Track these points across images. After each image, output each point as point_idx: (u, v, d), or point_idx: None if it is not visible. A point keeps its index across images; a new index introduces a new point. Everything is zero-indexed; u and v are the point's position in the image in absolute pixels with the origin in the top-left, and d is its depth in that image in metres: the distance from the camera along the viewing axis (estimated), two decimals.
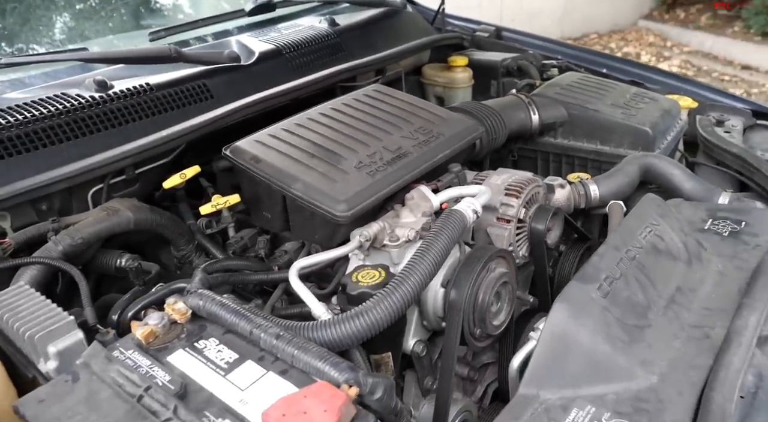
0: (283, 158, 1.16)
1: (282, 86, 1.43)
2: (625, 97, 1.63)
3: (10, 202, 1.07)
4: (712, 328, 0.96)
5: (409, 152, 1.22)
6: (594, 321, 0.90)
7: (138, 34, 1.58)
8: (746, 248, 1.15)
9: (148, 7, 1.70)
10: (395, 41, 1.81)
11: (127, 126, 1.23)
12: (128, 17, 1.64)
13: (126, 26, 1.63)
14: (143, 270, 1.12)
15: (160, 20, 1.74)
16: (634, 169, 1.38)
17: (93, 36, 1.54)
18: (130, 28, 1.62)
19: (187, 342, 0.87)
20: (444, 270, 1.04)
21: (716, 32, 7.14)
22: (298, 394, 0.73)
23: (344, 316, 0.88)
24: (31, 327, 0.88)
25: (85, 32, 1.52)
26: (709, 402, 0.79)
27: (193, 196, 1.38)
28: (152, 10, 1.71)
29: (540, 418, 0.84)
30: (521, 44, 2.13)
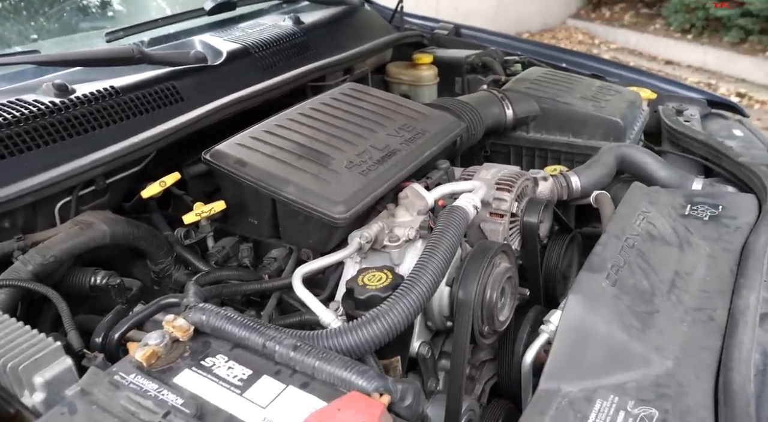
0: (270, 160, 1.11)
1: (254, 87, 1.37)
2: (591, 90, 1.66)
3: None
4: (714, 310, 0.98)
5: (398, 150, 1.19)
6: (608, 310, 0.90)
7: (91, 35, 1.48)
8: (728, 230, 1.18)
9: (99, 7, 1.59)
10: (359, 40, 1.78)
11: (94, 133, 1.14)
12: (78, 17, 1.53)
13: (75, 27, 1.52)
14: (126, 287, 1.03)
15: (110, 21, 1.64)
16: (611, 160, 1.41)
17: (40, 37, 1.42)
18: (81, 29, 1.51)
19: (193, 361, 0.80)
20: (448, 268, 1.02)
21: (639, 30, 7.51)
22: (331, 407, 0.69)
23: (361, 321, 0.84)
24: (13, 357, 0.79)
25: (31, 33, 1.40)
26: (730, 383, 0.80)
27: (160, 205, 1.30)
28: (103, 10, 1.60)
29: (566, 412, 0.83)
30: (480, 41, 2.14)
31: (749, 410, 0.75)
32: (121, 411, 0.70)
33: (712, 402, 0.81)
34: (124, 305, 1.02)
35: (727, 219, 1.22)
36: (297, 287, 0.94)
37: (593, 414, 0.81)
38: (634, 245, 1.04)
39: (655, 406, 0.81)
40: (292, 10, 1.83)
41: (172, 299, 0.98)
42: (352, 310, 0.95)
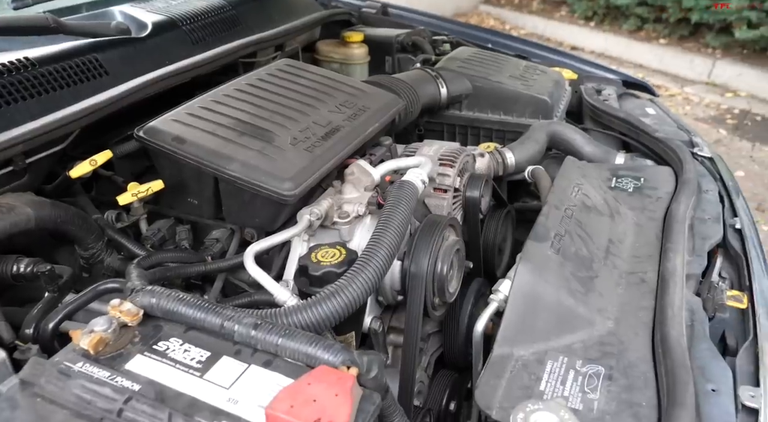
0: (211, 137, 1.06)
1: (184, 61, 1.30)
2: (519, 70, 1.72)
3: None
4: (645, 273, 1.05)
5: (341, 126, 1.18)
6: (555, 276, 0.95)
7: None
8: (651, 200, 1.27)
9: None
10: (289, 16, 1.73)
11: (9, 108, 1.03)
12: None
13: None
14: (56, 274, 0.96)
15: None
16: (542, 136, 1.47)
17: None
18: None
19: (144, 346, 0.76)
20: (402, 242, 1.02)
21: (546, 16, 7.81)
22: (301, 382, 0.68)
23: (321, 297, 0.83)
24: None
25: None
26: (666, 338, 0.86)
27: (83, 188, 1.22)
28: None
29: (520, 374, 0.86)
30: (407, 20, 2.15)
31: (685, 360, 0.81)
32: (75, 401, 0.65)
33: (651, 356, 0.87)
34: (55, 293, 0.95)
35: (649, 190, 1.31)
36: (249, 266, 0.92)
37: (546, 375, 0.85)
38: (572, 215, 1.09)
39: (601, 364, 0.87)
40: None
41: (111, 284, 0.92)
42: (306, 287, 0.94)
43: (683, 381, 0.77)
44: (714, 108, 5.21)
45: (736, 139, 4.56)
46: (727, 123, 4.88)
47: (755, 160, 4.20)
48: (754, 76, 5.52)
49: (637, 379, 0.83)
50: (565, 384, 0.84)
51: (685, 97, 5.43)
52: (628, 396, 0.81)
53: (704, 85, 5.72)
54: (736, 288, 1.07)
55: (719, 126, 4.79)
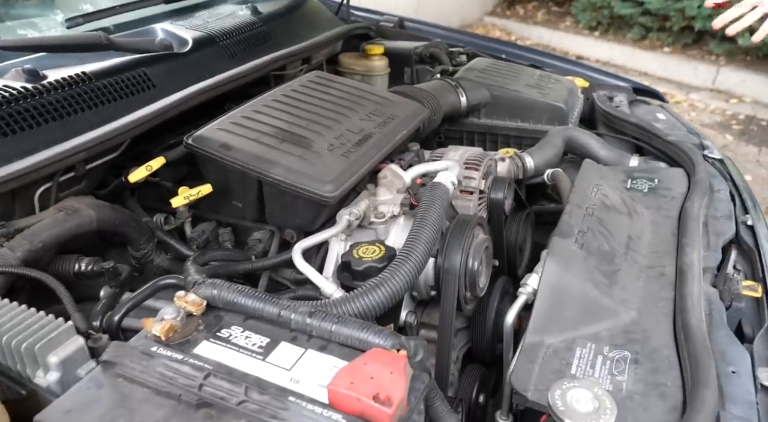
0: (255, 144, 1.14)
1: (223, 74, 1.38)
2: (534, 79, 1.79)
3: None
4: (663, 267, 1.12)
5: (373, 133, 1.25)
6: (580, 270, 1.02)
7: (44, 21, 1.43)
8: (665, 200, 1.34)
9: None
10: (314, 30, 1.82)
11: (69, 119, 1.12)
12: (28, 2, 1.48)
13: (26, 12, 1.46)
14: (119, 271, 1.04)
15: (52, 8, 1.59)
16: (559, 141, 1.54)
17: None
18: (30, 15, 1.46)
19: (209, 333, 0.83)
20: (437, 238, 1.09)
21: (551, 27, 7.91)
22: (357, 362, 0.75)
23: (367, 288, 0.90)
24: (25, 337, 0.79)
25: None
26: (688, 325, 0.93)
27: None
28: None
29: (552, 360, 0.93)
30: (423, 33, 2.24)
31: (706, 344, 0.88)
32: (158, 379, 0.72)
33: (673, 342, 0.94)
34: (116, 289, 1.03)
35: (663, 190, 1.38)
36: (298, 261, 0.99)
37: (575, 360, 0.92)
38: (593, 213, 1.16)
39: (626, 349, 0.93)
40: (244, 0, 1.84)
41: (170, 280, 0.99)
42: (349, 282, 1.01)
43: (706, 363, 0.84)
44: (719, 114, 5.28)
45: (743, 144, 4.63)
46: (733, 128, 4.95)
47: (762, 164, 4.25)
48: (758, 82, 5.59)
49: (662, 363, 0.90)
50: (594, 368, 0.90)
51: (691, 103, 5.50)
52: (654, 377, 0.87)
53: (709, 91, 5.79)
54: (750, 279, 1.13)
55: (725, 131, 4.85)
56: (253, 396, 0.69)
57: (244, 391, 0.69)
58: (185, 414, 0.70)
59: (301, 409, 0.68)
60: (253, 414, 0.67)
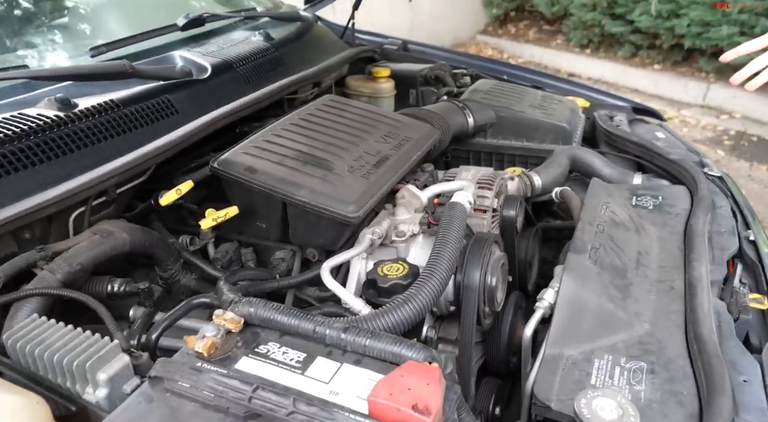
0: (279, 167, 1.19)
1: (242, 99, 1.43)
2: (537, 100, 1.86)
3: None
4: (672, 281, 1.17)
5: (389, 155, 1.30)
6: (595, 284, 1.06)
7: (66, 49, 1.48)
8: (670, 217, 1.39)
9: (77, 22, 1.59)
10: (323, 54, 1.88)
11: (100, 145, 1.16)
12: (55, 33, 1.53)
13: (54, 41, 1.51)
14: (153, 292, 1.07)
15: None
16: (564, 160, 1.60)
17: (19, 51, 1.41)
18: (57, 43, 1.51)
19: (247, 349, 0.87)
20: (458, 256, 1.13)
21: (543, 45, 8.05)
22: (394, 375, 0.79)
23: (395, 304, 0.94)
24: (76, 356, 0.83)
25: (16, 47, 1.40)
26: (700, 336, 0.98)
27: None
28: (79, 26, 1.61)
29: (572, 371, 0.97)
30: (426, 55, 2.30)
31: (719, 354, 0.93)
32: (207, 393, 0.76)
33: (686, 353, 0.99)
34: (151, 308, 1.06)
35: (667, 207, 1.43)
36: (327, 279, 1.03)
37: (594, 371, 0.96)
38: (604, 230, 1.21)
39: (642, 360, 0.98)
40: (254, 26, 1.90)
41: (203, 299, 1.03)
42: (375, 299, 1.05)
43: (720, 372, 0.88)
44: (711, 130, 5.39)
45: (734, 159, 4.72)
46: (725, 144, 5.05)
47: (754, 178, 4.34)
48: (748, 98, 5.70)
49: (677, 372, 0.94)
50: (612, 378, 0.94)
51: (682, 119, 5.61)
52: (671, 386, 0.92)
53: (699, 107, 5.91)
54: (755, 292, 1.18)
55: (717, 147, 4.95)
56: (301, 408, 0.73)
57: (292, 403, 0.73)
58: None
59: (348, 419, 0.72)
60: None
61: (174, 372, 0.79)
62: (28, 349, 0.85)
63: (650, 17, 6.24)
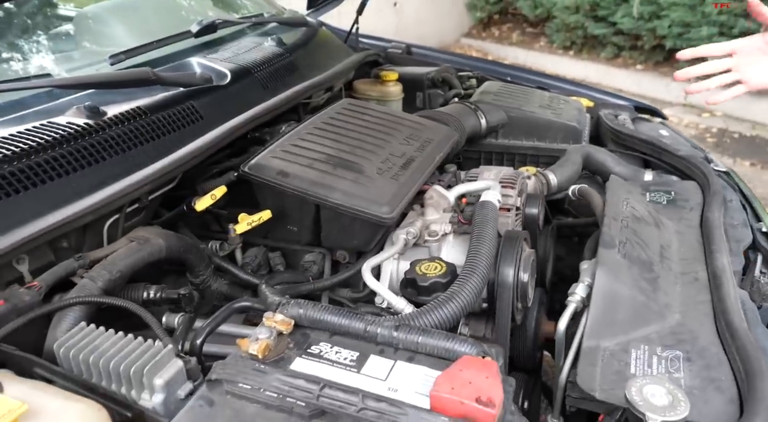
0: (309, 170, 1.20)
1: (262, 105, 1.44)
2: (545, 100, 1.89)
3: (30, 244, 0.97)
4: (696, 273, 1.20)
5: (415, 157, 1.32)
6: (627, 277, 1.09)
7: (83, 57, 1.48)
8: (685, 211, 1.43)
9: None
10: (332, 59, 1.89)
11: (131, 152, 1.17)
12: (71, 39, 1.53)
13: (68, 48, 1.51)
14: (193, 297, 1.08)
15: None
16: (578, 158, 1.63)
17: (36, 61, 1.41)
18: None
19: (300, 351, 0.88)
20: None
21: (526, 47, 8.16)
22: (453, 369, 0.81)
23: (439, 301, 0.96)
24: (132, 361, 0.83)
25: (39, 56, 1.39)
26: (731, 324, 1.01)
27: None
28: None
29: (611, 362, 1.00)
30: (429, 59, 2.33)
31: (752, 340, 0.96)
32: (267, 394, 0.77)
33: (718, 341, 1.02)
34: (191, 313, 1.07)
35: (681, 202, 1.47)
36: (368, 279, 1.05)
37: (633, 361, 0.99)
38: (628, 225, 1.24)
39: (678, 349, 1.01)
40: (263, 32, 1.91)
41: (245, 303, 1.04)
42: (414, 298, 1.07)
43: (756, 357, 0.91)
44: (693, 128, 5.50)
45: (717, 156, 4.81)
46: (708, 141, 5.16)
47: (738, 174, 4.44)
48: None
49: (712, 359, 0.98)
50: (651, 367, 0.97)
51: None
52: (708, 373, 0.95)
53: (681, 106, 6.02)
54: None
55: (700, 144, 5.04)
56: (370, 404, 0.74)
57: (361, 400, 0.75)
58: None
59: (418, 414, 0.74)
60: (373, 419, 0.72)
61: (236, 375, 0.79)
62: (82, 357, 0.85)
63: (632, 19, 6.36)
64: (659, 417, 0.78)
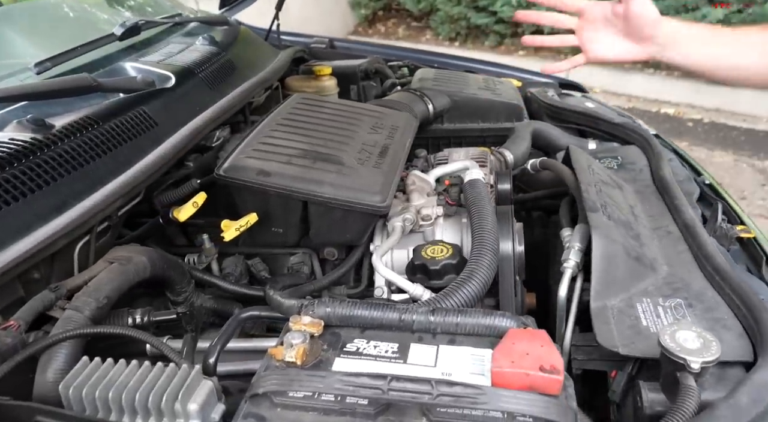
0: (290, 167, 1.14)
1: (216, 105, 1.35)
2: (481, 83, 1.93)
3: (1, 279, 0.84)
4: (666, 227, 1.28)
5: (388, 144, 1.30)
6: (618, 237, 1.14)
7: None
8: (636, 173, 1.52)
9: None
10: (263, 57, 1.82)
11: (89, 166, 1.05)
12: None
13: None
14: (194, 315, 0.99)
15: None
16: (528, 134, 1.68)
17: None
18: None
19: (336, 351, 0.83)
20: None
21: (413, 41, 8.34)
22: (505, 344, 0.80)
23: (460, 281, 0.94)
24: (161, 389, 0.75)
25: None
26: (718, 267, 1.08)
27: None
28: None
29: (621, 317, 1.03)
30: (353, 52, 2.31)
31: (741, 278, 1.04)
32: (327, 398, 0.72)
33: (709, 285, 1.09)
34: (193, 333, 0.98)
35: (629, 165, 1.56)
36: (382, 269, 1.01)
37: (641, 314, 1.03)
38: (601, 190, 1.30)
39: (677, 297, 1.06)
40: (187, 32, 1.79)
41: (252, 312, 0.97)
42: (425, 283, 1.04)
43: (751, 293, 0.99)
44: None
45: None
46: None
47: None
48: (606, 75, 6.33)
49: (710, 302, 1.04)
50: (660, 317, 1.02)
51: None
52: (711, 315, 1.01)
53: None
54: None
55: None
56: (444, 389, 0.71)
57: (433, 386, 0.71)
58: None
59: (495, 390, 0.72)
60: (450, 404, 0.70)
61: (283, 385, 0.73)
62: (98, 394, 0.75)
63: (511, 7, 6.69)
64: (699, 359, 0.82)
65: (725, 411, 0.77)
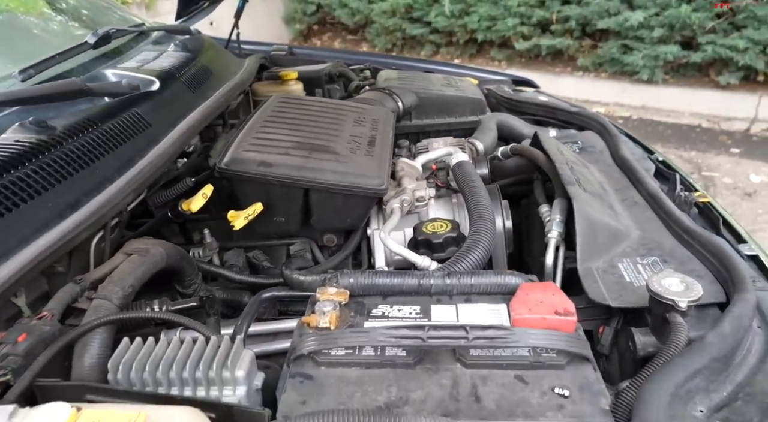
0: (289, 158, 1.19)
1: (203, 106, 1.38)
2: (442, 81, 2.03)
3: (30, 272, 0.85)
4: (633, 198, 1.41)
5: (374, 135, 1.37)
6: (596, 207, 1.25)
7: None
8: (597, 154, 1.65)
9: None
10: (230, 63, 1.86)
11: (94, 165, 1.06)
12: None
13: None
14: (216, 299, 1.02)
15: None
16: (493, 125, 1.79)
17: None
18: None
19: (363, 317, 0.89)
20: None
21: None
22: (520, 295, 0.88)
23: (468, 247, 1.02)
24: (209, 359, 0.78)
25: None
26: (688, 228, 1.21)
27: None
28: None
29: (606, 276, 1.14)
30: (314, 57, 2.37)
31: (709, 233, 1.16)
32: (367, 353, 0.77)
33: (679, 244, 1.21)
34: (216, 316, 1.01)
35: (589, 148, 1.70)
36: (391, 244, 1.07)
37: (623, 272, 1.14)
38: (573, 167, 1.41)
39: (653, 255, 1.18)
40: (155, 41, 1.80)
41: (273, 292, 1.01)
42: (429, 257, 1.11)
43: (721, 245, 1.11)
44: None
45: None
46: None
47: None
48: (537, 78, 6.62)
49: (683, 257, 1.16)
50: (640, 273, 1.13)
51: None
52: (684, 267, 1.13)
53: None
54: None
55: None
56: (477, 333, 0.78)
57: (466, 331, 0.78)
58: (406, 375, 0.77)
59: (523, 330, 0.79)
60: (485, 345, 0.77)
61: (324, 344, 0.78)
62: (148, 368, 0.78)
63: (445, 17, 6.92)
64: (685, 299, 0.93)
65: (713, 339, 0.88)
